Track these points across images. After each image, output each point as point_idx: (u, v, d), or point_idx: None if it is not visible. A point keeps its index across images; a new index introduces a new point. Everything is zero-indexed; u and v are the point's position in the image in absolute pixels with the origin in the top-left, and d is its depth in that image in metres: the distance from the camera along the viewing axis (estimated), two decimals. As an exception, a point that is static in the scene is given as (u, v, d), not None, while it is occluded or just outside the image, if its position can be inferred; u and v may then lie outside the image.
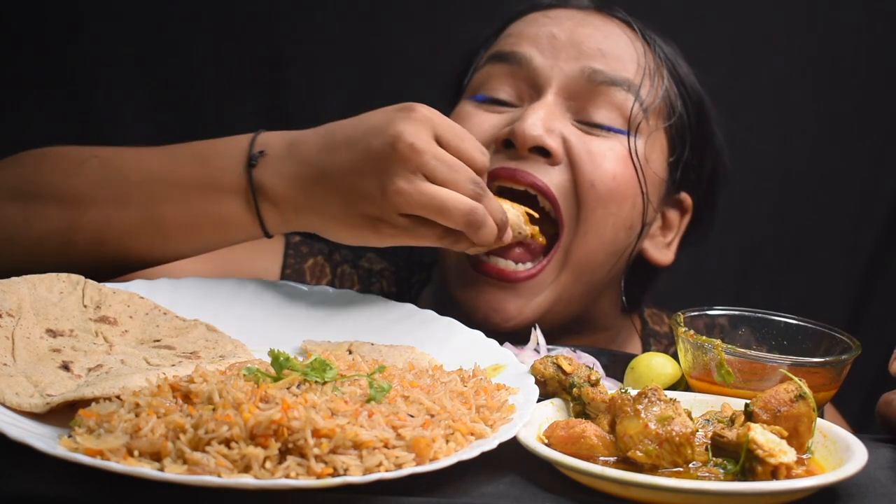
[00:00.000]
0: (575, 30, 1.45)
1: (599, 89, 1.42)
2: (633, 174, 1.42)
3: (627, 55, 1.45)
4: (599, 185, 1.40)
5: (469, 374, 1.07)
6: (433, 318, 1.24)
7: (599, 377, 1.07)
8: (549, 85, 1.42)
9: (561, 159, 1.40)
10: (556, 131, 1.40)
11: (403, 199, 1.16)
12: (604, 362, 1.26)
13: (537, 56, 1.43)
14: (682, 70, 1.51)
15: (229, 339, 1.17)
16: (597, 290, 1.48)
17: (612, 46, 1.44)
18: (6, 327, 1.07)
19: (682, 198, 1.54)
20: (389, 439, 0.90)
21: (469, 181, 1.18)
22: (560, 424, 0.99)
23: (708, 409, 1.07)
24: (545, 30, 1.45)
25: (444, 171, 1.17)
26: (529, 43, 1.45)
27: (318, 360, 0.98)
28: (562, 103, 1.42)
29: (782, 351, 1.20)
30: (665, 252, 1.55)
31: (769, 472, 0.91)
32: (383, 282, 1.66)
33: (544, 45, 1.44)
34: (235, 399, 0.91)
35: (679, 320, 1.18)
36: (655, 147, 1.47)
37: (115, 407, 0.93)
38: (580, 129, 1.42)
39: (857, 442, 0.97)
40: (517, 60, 1.44)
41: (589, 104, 1.42)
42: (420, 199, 1.16)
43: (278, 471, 0.86)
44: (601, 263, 1.44)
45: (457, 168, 1.18)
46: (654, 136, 1.46)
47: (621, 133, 1.42)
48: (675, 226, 1.55)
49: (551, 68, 1.43)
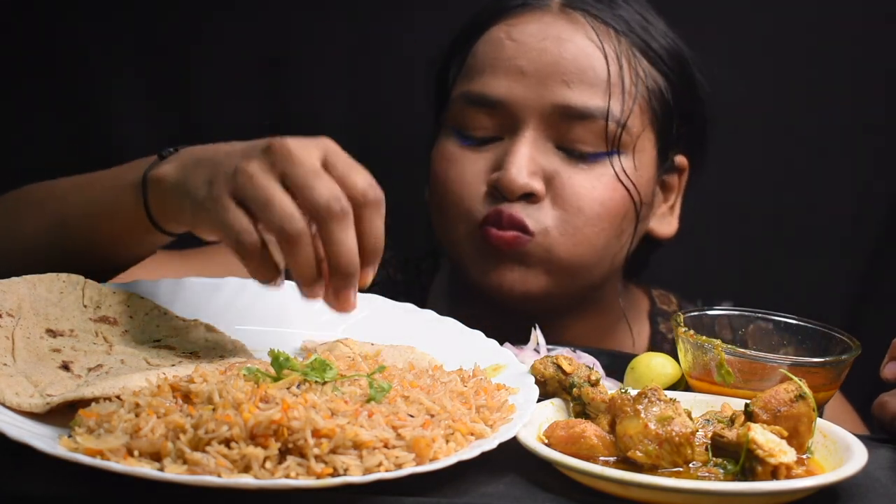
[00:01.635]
0: (540, 57, 1.44)
1: (573, 122, 1.43)
2: (623, 193, 1.45)
3: (594, 72, 1.44)
4: (588, 210, 1.43)
5: (469, 374, 1.07)
6: (433, 318, 1.24)
7: (599, 377, 1.07)
8: (526, 121, 1.44)
9: (545, 197, 1.43)
10: (539, 171, 1.43)
11: (244, 178, 1.03)
12: (604, 362, 1.26)
13: (510, 96, 1.45)
14: (657, 42, 1.50)
15: (229, 339, 1.17)
16: (598, 278, 1.51)
17: (576, 69, 1.44)
18: (6, 327, 1.07)
19: (677, 162, 1.56)
20: (389, 439, 0.90)
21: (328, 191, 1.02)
22: (560, 424, 0.99)
23: (708, 409, 1.07)
24: (512, 64, 1.45)
25: (300, 174, 1.03)
26: (500, 80, 1.45)
27: (318, 360, 0.98)
28: (541, 134, 1.44)
29: (782, 351, 1.20)
30: (669, 220, 1.58)
31: (769, 472, 0.91)
32: (389, 269, 1.66)
33: (514, 83, 1.45)
34: (235, 399, 0.91)
35: (679, 320, 1.18)
36: (645, 147, 1.48)
37: (115, 407, 0.93)
38: (564, 158, 1.44)
39: (857, 442, 0.97)
40: (491, 104, 1.46)
41: (567, 132, 1.44)
42: (255, 183, 1.03)
43: (278, 471, 0.86)
44: (594, 265, 1.48)
45: (321, 176, 1.03)
46: (642, 136, 1.47)
47: (605, 156, 1.44)
48: (674, 187, 1.58)
49: (524, 107, 1.44)
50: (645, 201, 1.49)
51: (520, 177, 1.41)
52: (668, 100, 1.50)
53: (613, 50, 1.46)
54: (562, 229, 1.43)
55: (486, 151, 1.47)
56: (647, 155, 1.49)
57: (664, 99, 1.49)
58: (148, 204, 1.16)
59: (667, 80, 1.50)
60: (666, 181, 1.56)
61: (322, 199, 1.01)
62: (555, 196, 1.43)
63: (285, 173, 1.03)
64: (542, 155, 1.44)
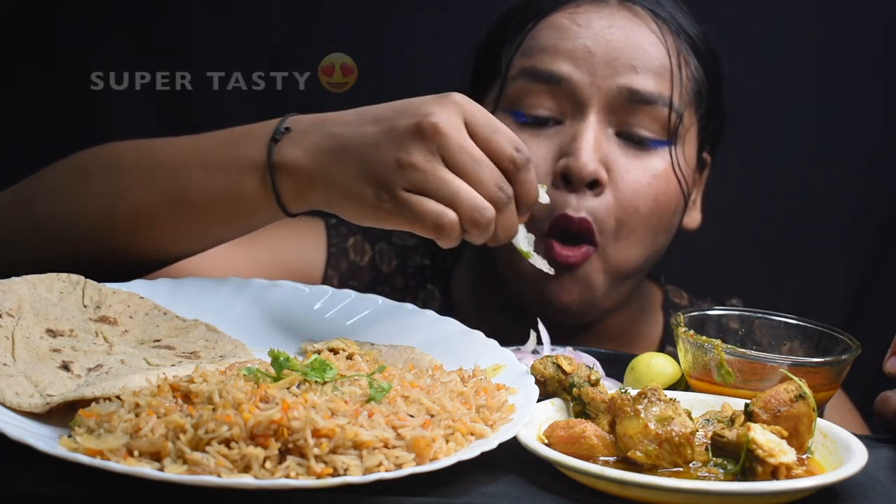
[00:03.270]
0: (608, 41, 1.45)
1: (637, 107, 1.44)
2: (676, 186, 1.47)
3: (658, 61, 1.46)
4: (643, 209, 1.44)
5: (469, 374, 1.07)
6: (433, 319, 1.24)
7: (599, 377, 1.07)
8: (590, 104, 1.44)
9: (607, 186, 1.43)
10: (604, 159, 1.43)
11: (417, 173, 1.09)
12: (604, 362, 1.26)
13: (576, 74, 1.44)
14: (699, 38, 1.52)
15: (229, 339, 1.17)
16: (644, 275, 1.55)
17: (644, 56, 1.46)
18: (6, 327, 1.07)
19: (704, 157, 1.59)
20: (389, 439, 0.90)
21: (493, 183, 1.11)
22: (560, 424, 0.99)
23: (708, 409, 1.07)
24: (579, 43, 1.45)
25: (465, 162, 1.10)
26: (566, 59, 1.45)
27: (318, 360, 0.98)
28: (604, 119, 1.44)
29: (782, 351, 1.20)
30: (694, 214, 1.60)
31: (769, 472, 0.91)
32: (417, 256, 1.67)
33: (580, 61, 1.44)
34: (235, 399, 0.91)
35: (679, 320, 1.18)
36: (691, 140, 1.51)
37: (115, 407, 0.93)
38: (623, 145, 1.45)
39: (857, 442, 0.97)
40: (556, 80, 1.44)
41: (630, 117, 1.45)
42: (433, 178, 1.09)
43: (278, 471, 0.86)
44: (644, 264, 1.50)
45: (482, 164, 1.10)
46: (690, 130, 1.50)
47: (663, 145, 1.46)
48: (699, 183, 1.60)
49: (590, 86, 1.44)
50: (690, 195, 1.52)
51: (591, 163, 1.40)
52: (704, 95, 1.52)
53: (673, 42, 1.48)
54: (617, 234, 1.44)
55: (546, 134, 1.45)
56: (692, 149, 1.52)
57: (702, 95, 1.52)
58: (278, 190, 1.17)
59: (706, 76, 1.52)
60: (696, 176, 1.59)
61: (490, 191, 1.10)
62: (614, 188, 1.43)
63: (448, 159, 1.09)
64: (605, 143, 1.44)
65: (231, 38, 1.93)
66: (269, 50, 1.93)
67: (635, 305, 1.62)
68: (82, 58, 1.90)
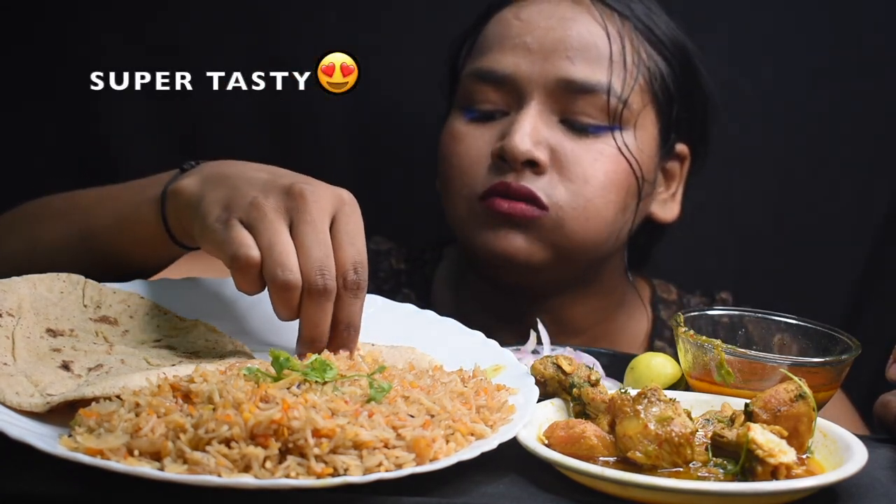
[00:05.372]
0: (546, 33, 1.50)
1: (577, 96, 1.48)
2: (626, 167, 1.49)
3: (598, 50, 1.49)
4: (594, 181, 1.47)
5: (469, 375, 1.07)
6: (433, 319, 1.24)
7: (599, 377, 1.07)
8: (531, 95, 1.49)
9: (548, 169, 1.47)
10: (544, 142, 1.47)
11: (257, 212, 1.07)
12: (604, 362, 1.26)
13: (518, 70, 1.50)
14: (659, 30, 1.55)
15: (229, 339, 1.17)
16: (602, 254, 1.55)
17: (580, 45, 1.49)
18: (6, 327, 1.07)
19: (678, 150, 1.60)
20: (389, 439, 0.90)
21: (318, 264, 1.06)
22: (560, 424, 0.99)
23: (708, 409, 1.07)
24: (520, 39, 1.51)
25: (305, 232, 1.06)
26: (507, 56, 1.51)
27: (318, 360, 0.98)
28: (546, 107, 1.49)
29: (782, 351, 1.20)
30: (671, 206, 1.62)
31: (769, 472, 0.91)
32: (391, 260, 1.71)
33: (521, 56, 1.50)
34: (235, 399, 0.91)
35: (679, 320, 1.18)
36: (646, 125, 1.53)
37: (115, 406, 0.93)
38: (567, 131, 1.48)
39: (857, 442, 0.97)
40: (499, 79, 1.50)
41: (571, 105, 1.49)
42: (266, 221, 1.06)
43: (278, 471, 0.86)
44: (599, 241, 1.51)
45: (320, 245, 1.06)
46: (643, 114, 1.52)
47: (607, 130, 1.48)
48: (676, 175, 1.62)
49: (530, 80, 1.49)
50: (647, 178, 1.53)
51: (523, 143, 1.44)
52: (668, 84, 1.54)
53: (616, 30, 1.51)
54: (574, 203, 1.47)
55: (491, 126, 1.51)
56: (648, 133, 1.53)
57: (665, 82, 1.54)
58: (166, 217, 1.19)
59: (668, 65, 1.55)
60: (668, 168, 1.61)
61: (311, 268, 1.05)
62: (560, 168, 1.47)
63: (295, 222, 1.07)
64: (546, 127, 1.48)
65: (231, 38, 1.94)
66: (269, 50, 1.93)
67: (614, 297, 1.64)
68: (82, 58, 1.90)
